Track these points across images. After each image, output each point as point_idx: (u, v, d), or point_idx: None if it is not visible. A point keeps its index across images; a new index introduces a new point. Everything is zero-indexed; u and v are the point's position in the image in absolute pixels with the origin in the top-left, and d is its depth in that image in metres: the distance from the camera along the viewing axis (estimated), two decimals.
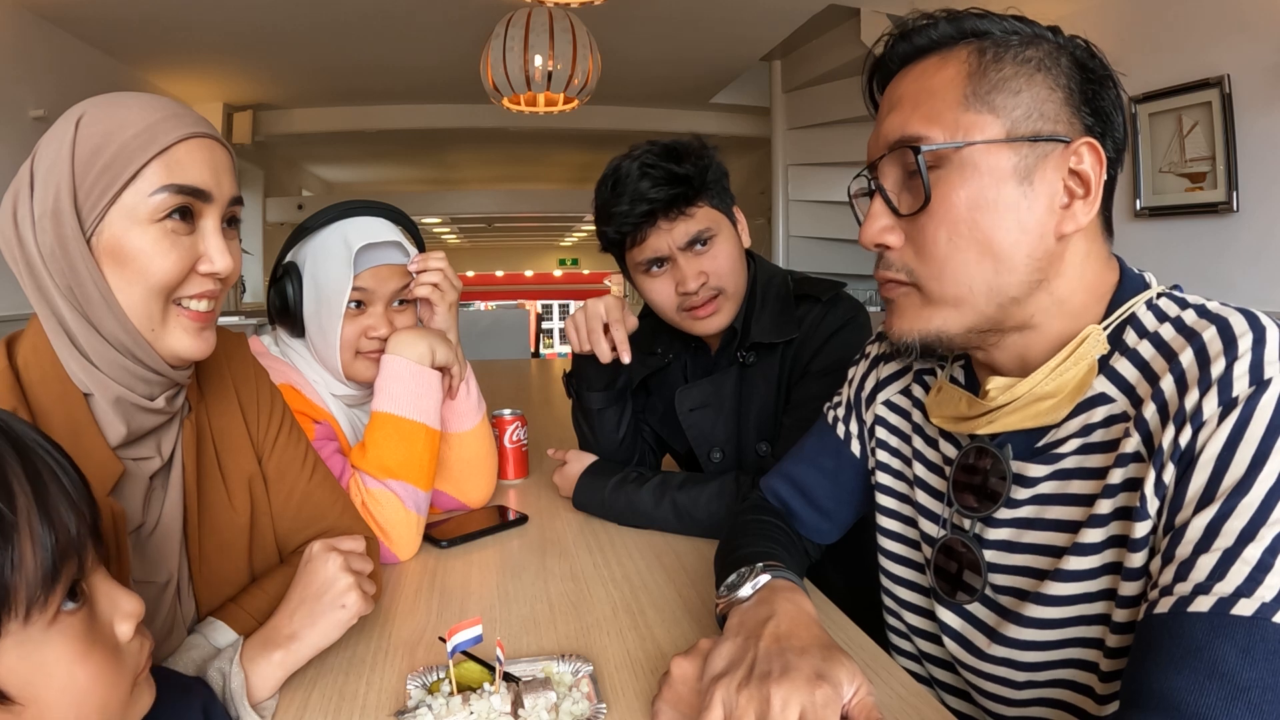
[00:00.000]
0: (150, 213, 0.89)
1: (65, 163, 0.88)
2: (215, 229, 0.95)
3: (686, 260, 1.62)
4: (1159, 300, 0.90)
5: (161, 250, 0.90)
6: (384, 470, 1.43)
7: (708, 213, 1.62)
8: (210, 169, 0.93)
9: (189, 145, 0.92)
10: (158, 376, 0.95)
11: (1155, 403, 0.83)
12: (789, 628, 0.87)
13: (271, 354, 1.56)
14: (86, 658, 0.62)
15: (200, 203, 0.93)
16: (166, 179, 0.89)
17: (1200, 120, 3.40)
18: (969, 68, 0.90)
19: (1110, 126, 0.92)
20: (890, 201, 0.95)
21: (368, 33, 5.92)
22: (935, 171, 0.90)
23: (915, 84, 0.94)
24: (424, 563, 1.44)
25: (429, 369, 1.48)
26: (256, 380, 1.22)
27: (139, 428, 0.95)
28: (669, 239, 1.61)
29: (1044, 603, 0.91)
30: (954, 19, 0.94)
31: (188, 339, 0.95)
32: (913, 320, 0.95)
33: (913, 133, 0.91)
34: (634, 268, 1.69)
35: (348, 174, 12.72)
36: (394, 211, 1.60)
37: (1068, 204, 0.89)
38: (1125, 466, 0.85)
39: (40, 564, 0.58)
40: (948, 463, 1.05)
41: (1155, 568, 0.80)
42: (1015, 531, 0.96)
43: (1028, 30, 0.93)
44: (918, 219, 0.92)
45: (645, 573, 1.36)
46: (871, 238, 0.96)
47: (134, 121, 0.90)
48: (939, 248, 0.90)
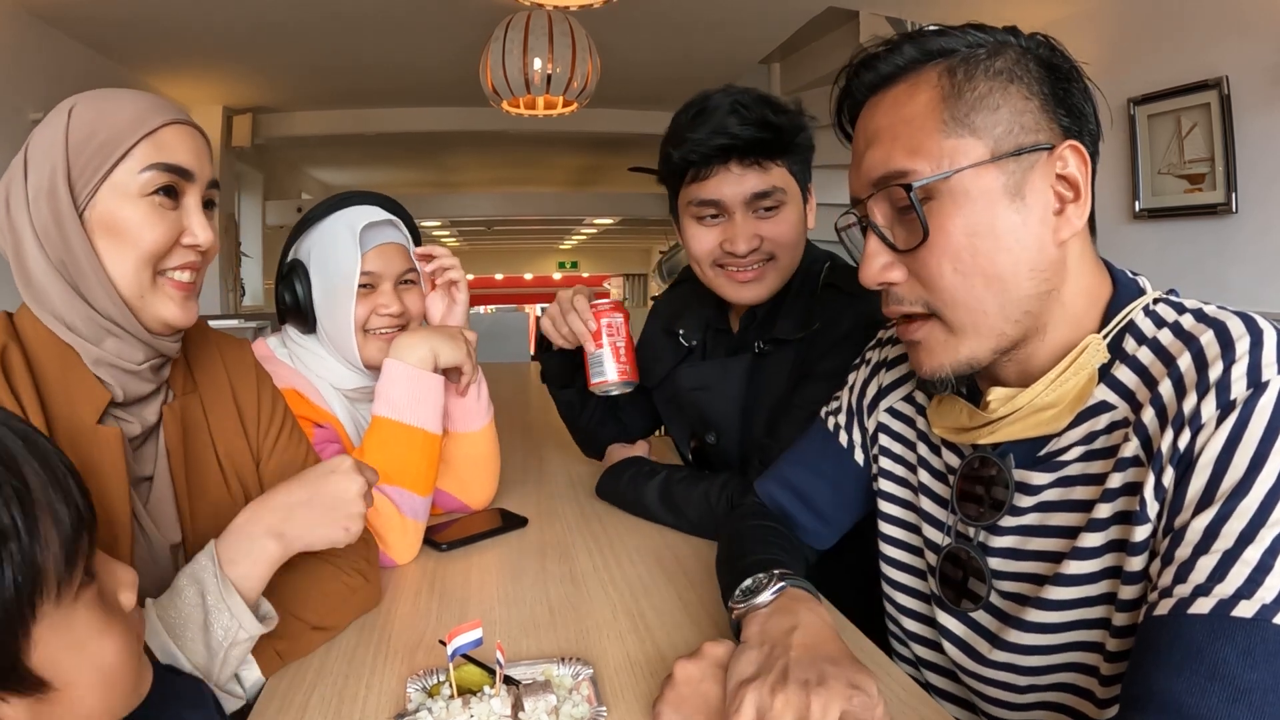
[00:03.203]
0: (140, 188, 0.99)
1: (59, 146, 0.97)
2: (197, 206, 1.04)
3: (745, 219, 1.55)
4: (1156, 306, 0.90)
5: (151, 222, 0.99)
6: (381, 476, 1.41)
7: (783, 175, 1.56)
8: (193, 152, 1.03)
9: (174, 129, 1.02)
10: (142, 344, 1.02)
11: (1154, 407, 0.83)
12: (815, 638, 0.87)
13: (277, 358, 1.57)
14: (108, 629, 0.65)
15: (184, 182, 1.02)
16: (155, 158, 0.99)
17: (1199, 122, 3.40)
18: (942, 91, 0.90)
19: (1084, 122, 0.92)
20: (886, 238, 0.94)
21: (367, 35, 5.92)
22: (928, 204, 0.89)
23: (889, 115, 0.93)
24: (424, 565, 1.44)
25: (429, 373, 1.47)
26: (258, 384, 1.24)
27: (130, 392, 1.03)
28: (735, 188, 1.54)
29: (1045, 607, 0.91)
30: (915, 40, 0.93)
31: (174, 306, 1.03)
32: (942, 355, 0.94)
33: (898, 168, 0.91)
34: (685, 207, 1.62)
35: (347, 177, 12.73)
36: (389, 200, 1.61)
37: (1060, 210, 0.89)
38: (1124, 471, 0.85)
39: (63, 542, 0.61)
40: (951, 471, 1.06)
41: (1155, 570, 0.80)
42: (1019, 539, 0.96)
43: (990, 40, 0.92)
44: (918, 253, 0.91)
45: (646, 576, 1.36)
46: (874, 277, 0.96)
47: (123, 109, 0.99)
48: (945, 279, 0.90)
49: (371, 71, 6.91)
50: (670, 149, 1.59)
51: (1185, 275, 3.48)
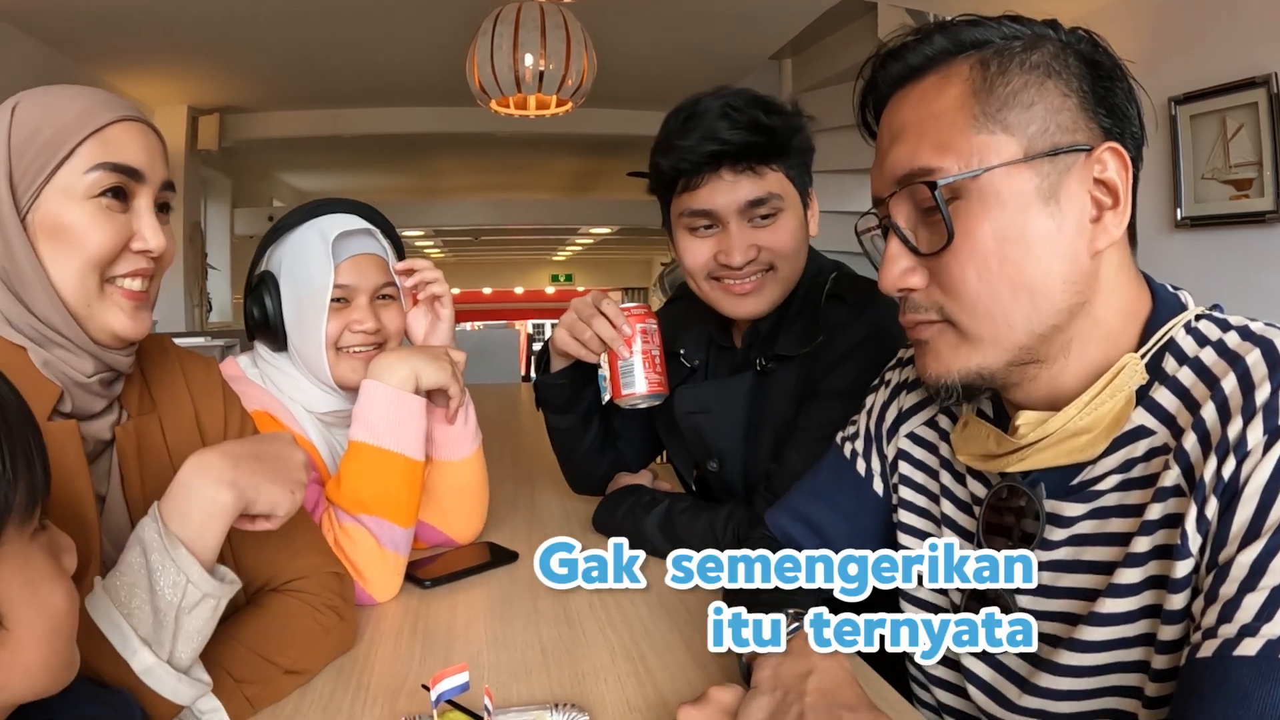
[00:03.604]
0: (85, 189, 0.99)
1: (1, 146, 0.98)
2: (148, 209, 1.05)
3: (740, 229, 1.56)
4: (1198, 322, 0.90)
5: (97, 224, 1.00)
6: (358, 505, 1.43)
7: (780, 180, 1.56)
8: (144, 150, 1.04)
9: (124, 126, 1.03)
10: (90, 355, 1.03)
11: (1196, 432, 0.83)
12: (831, 684, 0.87)
13: (248, 377, 1.58)
14: (58, 580, 0.70)
15: (134, 183, 1.03)
16: (102, 157, 1.00)
17: (1246, 122, 3.40)
18: (974, 84, 0.90)
19: (1128, 124, 0.92)
20: (908, 241, 0.95)
21: (345, 29, 5.94)
22: (954, 204, 0.90)
23: (917, 109, 0.94)
24: (406, 604, 1.44)
25: (410, 395, 1.47)
26: (225, 406, 1.24)
27: (80, 406, 1.03)
28: (728, 196, 1.54)
29: (1079, 649, 0.91)
30: (947, 30, 0.94)
31: (123, 317, 1.03)
32: (950, 360, 0.94)
33: (924, 165, 0.91)
34: (677, 218, 1.63)
35: (323, 183, 12.75)
36: (367, 208, 1.62)
37: (1097, 217, 0.89)
38: (1164, 501, 0.84)
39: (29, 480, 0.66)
40: (977, 501, 1.05)
41: (1198, 609, 0.79)
42: (1051, 575, 0.95)
43: (1028, 32, 0.92)
44: (941, 257, 0.91)
45: (646, 615, 1.36)
46: (894, 283, 0.96)
47: (70, 106, 1.01)
48: (968, 286, 0.90)
49: (349, 68, 6.93)
50: (659, 158, 1.60)
51: (1230, 289, 3.46)
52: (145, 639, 0.89)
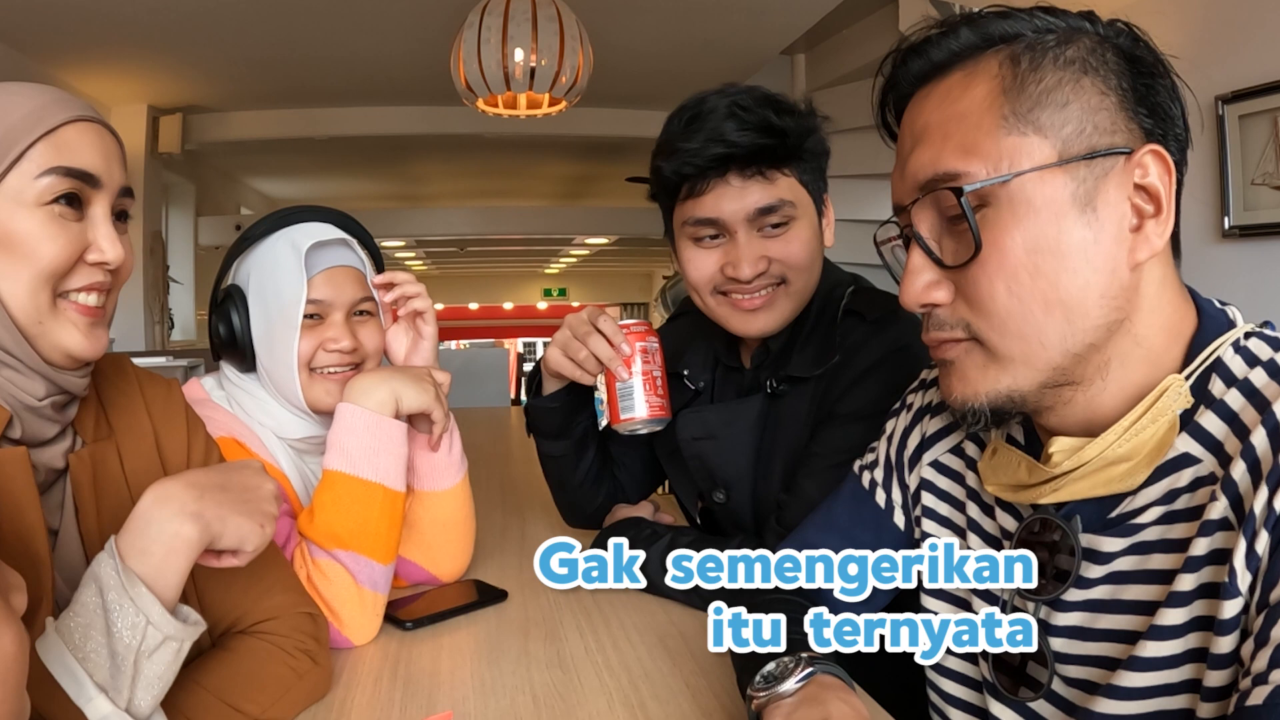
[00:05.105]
0: (37, 196, 0.98)
1: None
2: (105, 217, 1.04)
3: (749, 239, 1.56)
4: (1247, 341, 0.90)
5: (49, 234, 0.98)
6: (333, 539, 1.42)
7: (793, 186, 1.56)
8: (100, 154, 1.03)
9: (78, 128, 1.02)
10: (41, 377, 1.02)
11: (1245, 460, 0.82)
12: None
13: (213, 400, 1.58)
14: (7, 618, 0.67)
15: (89, 189, 1.02)
16: (55, 160, 0.98)
17: None
18: (1003, 82, 0.90)
19: (1170, 125, 0.92)
20: (931, 252, 0.95)
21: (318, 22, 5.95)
22: (982, 212, 0.90)
23: (941, 109, 0.94)
24: (385, 646, 1.44)
25: (390, 420, 1.47)
26: (189, 432, 1.24)
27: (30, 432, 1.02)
28: (735, 203, 1.54)
29: (1117, 696, 0.90)
30: (974, 23, 0.94)
31: (77, 334, 1.02)
32: (978, 381, 0.95)
33: (948, 169, 0.91)
34: (680, 227, 1.63)
35: (294, 189, 12.78)
36: (343, 217, 1.63)
37: (1138, 226, 0.89)
38: (1211, 535, 0.84)
39: None
40: (1006, 536, 1.05)
41: (1247, 652, 0.79)
42: (1088, 616, 0.95)
43: (1062, 24, 0.92)
44: (968, 270, 0.91)
45: (646, 659, 1.36)
46: (916, 298, 0.96)
47: (20, 105, 0.99)
48: (998, 301, 0.90)
49: (323, 64, 6.95)
50: (660, 162, 1.60)
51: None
52: (101, 685, 0.88)
